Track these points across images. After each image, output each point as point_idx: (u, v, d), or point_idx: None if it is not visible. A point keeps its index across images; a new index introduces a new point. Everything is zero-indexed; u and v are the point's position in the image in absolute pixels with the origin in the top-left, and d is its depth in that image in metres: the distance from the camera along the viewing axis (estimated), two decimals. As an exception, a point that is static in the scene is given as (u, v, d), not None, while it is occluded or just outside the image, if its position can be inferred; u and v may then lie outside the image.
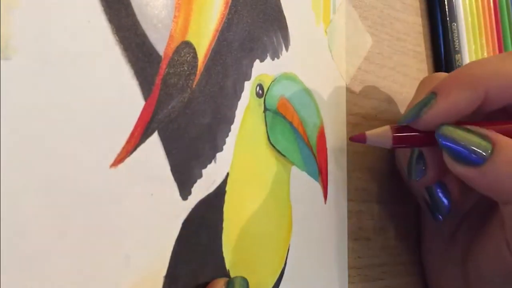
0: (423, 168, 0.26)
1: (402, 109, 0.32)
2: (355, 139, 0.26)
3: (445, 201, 0.28)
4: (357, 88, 0.30)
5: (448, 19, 0.36)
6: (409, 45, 0.34)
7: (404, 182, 0.30)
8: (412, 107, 0.25)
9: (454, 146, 0.24)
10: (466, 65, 0.26)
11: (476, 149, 0.23)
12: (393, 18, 0.33)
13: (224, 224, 0.21)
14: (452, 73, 0.26)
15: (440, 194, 0.28)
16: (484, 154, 0.23)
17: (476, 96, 0.24)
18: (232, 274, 0.21)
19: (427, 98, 0.25)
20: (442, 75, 0.29)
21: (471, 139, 0.24)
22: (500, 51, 0.40)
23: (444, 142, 0.24)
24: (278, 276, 0.24)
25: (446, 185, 0.28)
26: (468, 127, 0.24)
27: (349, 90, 0.29)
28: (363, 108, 0.30)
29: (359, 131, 0.29)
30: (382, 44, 0.32)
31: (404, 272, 0.32)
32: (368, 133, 0.26)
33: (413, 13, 0.35)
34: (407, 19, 0.35)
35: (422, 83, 0.30)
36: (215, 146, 0.21)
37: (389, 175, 0.31)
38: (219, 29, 0.22)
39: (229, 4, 0.22)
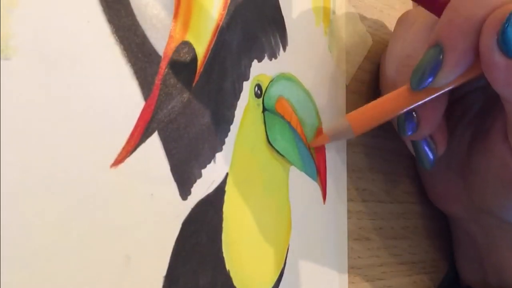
0: (415, 123, 0.26)
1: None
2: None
3: (430, 155, 0.27)
4: (357, 88, 0.30)
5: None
6: (409, 45, 0.34)
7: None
8: (418, 69, 0.24)
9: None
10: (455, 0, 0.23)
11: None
12: (393, 18, 0.33)
13: (224, 224, 0.21)
14: (447, 16, 0.23)
15: (426, 149, 0.27)
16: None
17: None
18: (232, 274, 0.21)
19: (433, 54, 0.23)
20: (419, 12, 0.27)
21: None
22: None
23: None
24: (278, 276, 0.24)
25: (433, 138, 0.27)
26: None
27: (349, 90, 0.29)
28: (363, 108, 0.30)
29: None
30: (382, 44, 0.32)
31: (404, 272, 0.32)
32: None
33: (413, 13, 0.35)
34: (407, 19, 0.35)
35: (401, 21, 0.29)
36: (215, 146, 0.21)
37: (389, 175, 0.31)
38: (218, 29, 0.22)
39: (228, 4, 0.22)
